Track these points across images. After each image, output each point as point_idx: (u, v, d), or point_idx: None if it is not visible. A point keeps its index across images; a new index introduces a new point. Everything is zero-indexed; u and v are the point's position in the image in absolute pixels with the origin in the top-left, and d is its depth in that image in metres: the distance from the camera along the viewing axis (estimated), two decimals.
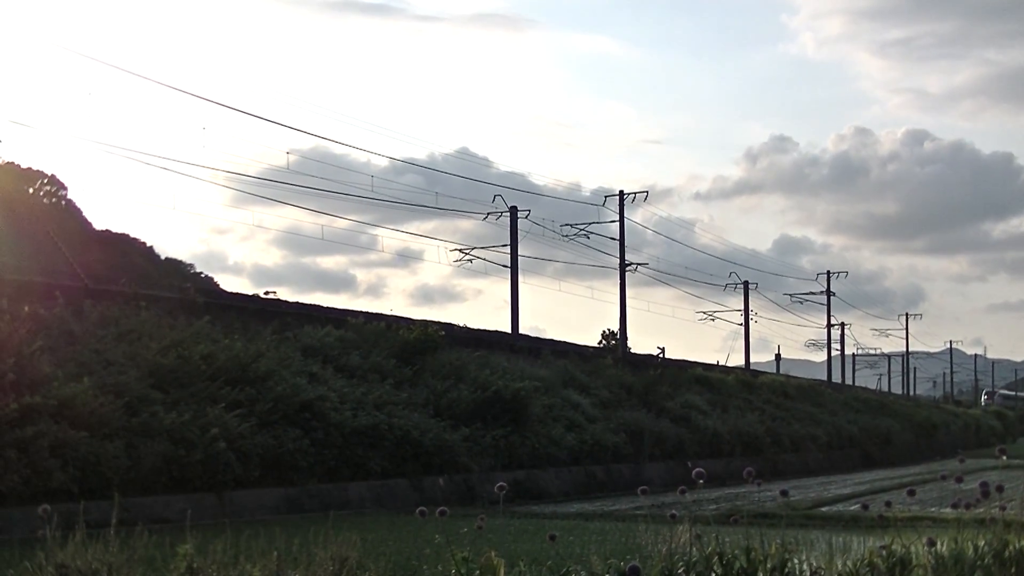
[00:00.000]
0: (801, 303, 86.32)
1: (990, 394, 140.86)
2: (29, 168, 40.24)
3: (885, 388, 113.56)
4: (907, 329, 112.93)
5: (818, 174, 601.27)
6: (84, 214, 41.79)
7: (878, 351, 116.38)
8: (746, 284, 75.82)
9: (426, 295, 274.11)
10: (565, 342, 50.39)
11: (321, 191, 48.90)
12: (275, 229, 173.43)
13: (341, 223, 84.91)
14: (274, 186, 55.18)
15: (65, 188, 41.31)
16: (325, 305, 38.26)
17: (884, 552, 8.31)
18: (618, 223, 55.65)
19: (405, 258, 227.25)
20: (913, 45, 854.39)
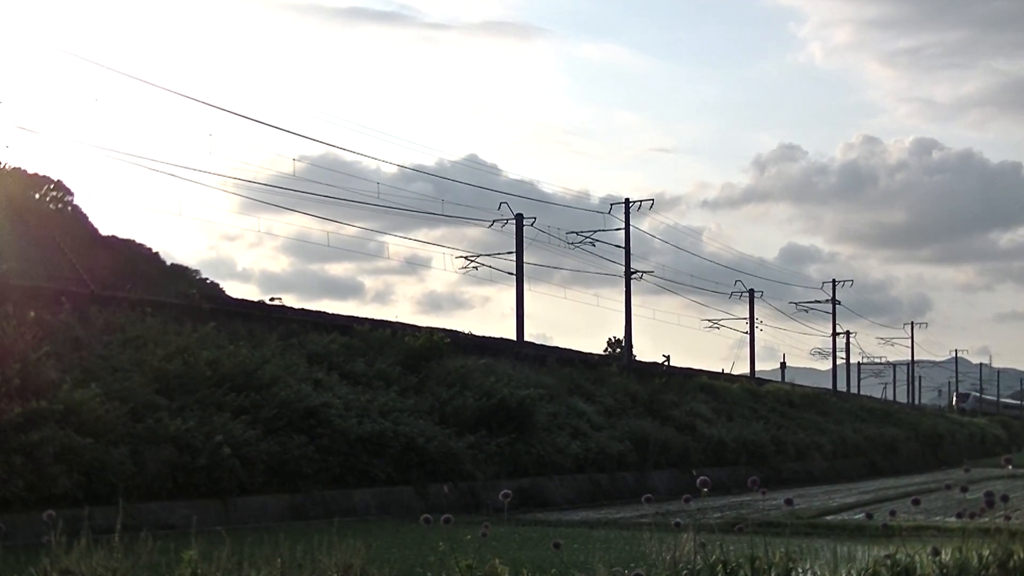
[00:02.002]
0: (807, 311, 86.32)
1: (962, 396, 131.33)
2: (35, 174, 40.40)
3: (890, 397, 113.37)
4: (912, 338, 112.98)
5: (826, 183, 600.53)
6: (90, 220, 41.94)
7: (883, 360, 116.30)
8: (751, 292, 75.80)
9: (434, 302, 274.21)
10: (570, 350, 50.38)
11: (329, 198, 48.94)
12: (283, 236, 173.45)
13: (349, 230, 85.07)
14: (282, 193, 55.29)
15: (71, 194, 41.49)
16: (331, 312, 38.36)
17: (889, 561, 8.31)
18: (623, 231, 55.76)
19: (413, 265, 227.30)
20: (921, 55, 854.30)
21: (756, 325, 76.47)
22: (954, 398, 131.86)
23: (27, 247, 32.17)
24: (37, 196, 39.86)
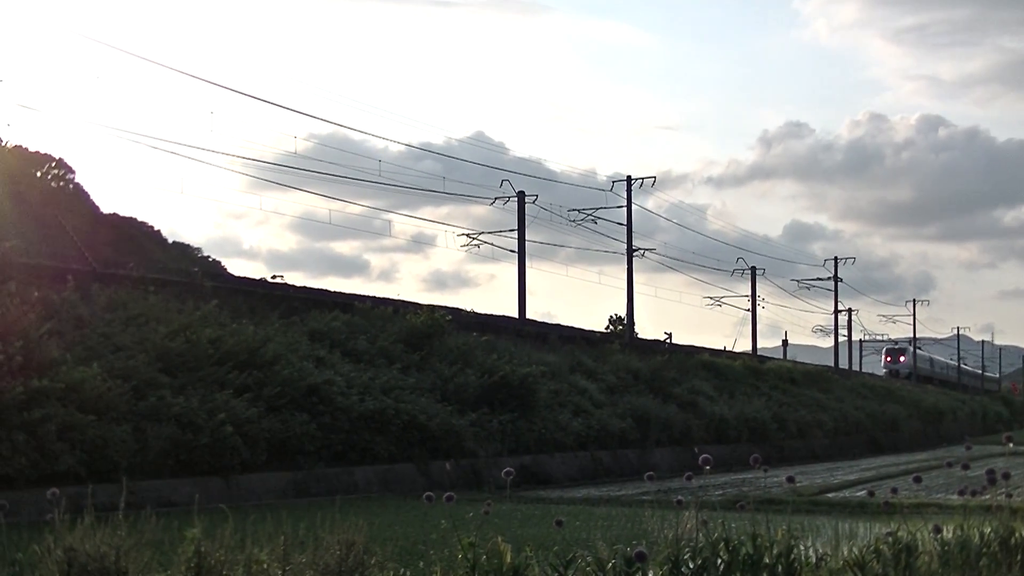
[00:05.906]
0: (809, 289, 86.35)
1: (894, 352, 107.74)
2: (37, 152, 40.28)
3: None
4: (914, 315, 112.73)
5: (832, 160, 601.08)
6: (92, 198, 41.86)
7: (885, 337, 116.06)
8: (753, 270, 75.80)
9: (439, 280, 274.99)
10: (572, 327, 50.38)
11: (335, 176, 48.90)
12: (290, 215, 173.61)
13: (355, 209, 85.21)
14: (289, 172, 55.28)
15: (73, 172, 41.35)
16: (333, 289, 38.39)
17: (890, 539, 8.31)
18: (626, 208, 55.73)
19: (418, 243, 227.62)
20: (927, 32, 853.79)
21: (758, 303, 76.58)
22: (884, 356, 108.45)
23: (29, 225, 32.14)
24: (39, 174, 39.76)
